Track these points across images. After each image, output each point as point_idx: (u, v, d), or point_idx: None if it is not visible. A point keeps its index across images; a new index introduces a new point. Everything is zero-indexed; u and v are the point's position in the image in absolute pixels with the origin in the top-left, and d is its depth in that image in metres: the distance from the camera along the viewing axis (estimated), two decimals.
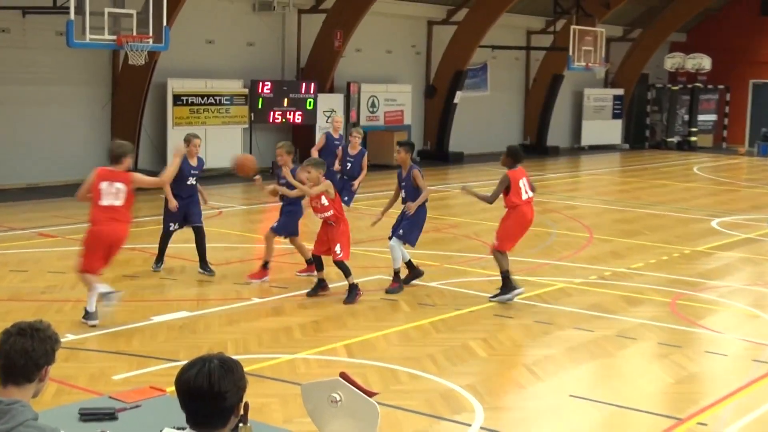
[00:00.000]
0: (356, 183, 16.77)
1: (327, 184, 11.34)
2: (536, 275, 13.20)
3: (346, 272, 11.37)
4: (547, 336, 10.29)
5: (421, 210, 12.27)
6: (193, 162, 12.61)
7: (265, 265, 12.24)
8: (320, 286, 11.67)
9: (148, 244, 14.76)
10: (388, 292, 11.86)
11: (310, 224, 14.02)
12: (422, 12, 29.32)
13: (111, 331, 9.82)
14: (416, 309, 11.17)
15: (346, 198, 15.73)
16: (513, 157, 12.00)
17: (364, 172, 16.76)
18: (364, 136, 27.04)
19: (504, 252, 11.63)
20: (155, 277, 12.43)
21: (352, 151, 16.78)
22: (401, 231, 12.19)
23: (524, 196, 11.68)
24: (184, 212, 12.54)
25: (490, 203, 12.09)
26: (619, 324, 10.80)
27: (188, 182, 12.61)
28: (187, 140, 12.65)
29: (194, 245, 12.79)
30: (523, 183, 11.78)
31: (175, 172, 11.15)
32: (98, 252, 9.93)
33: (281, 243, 14.43)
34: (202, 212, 12.98)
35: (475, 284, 12.48)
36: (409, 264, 12.25)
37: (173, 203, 12.37)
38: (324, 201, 11.30)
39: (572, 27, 28.80)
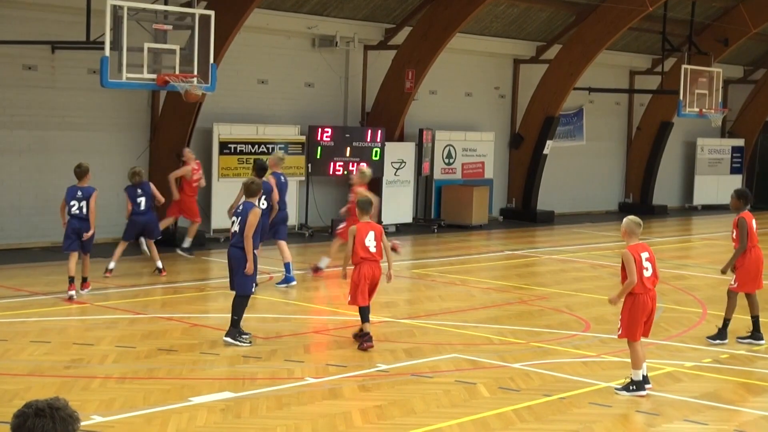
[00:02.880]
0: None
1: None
2: None
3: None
4: (651, 429, 10.15)
5: None
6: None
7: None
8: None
9: (187, 313, 14.92)
10: None
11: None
12: (508, 49, 29.48)
13: (144, 413, 9.91)
14: (497, 394, 11.11)
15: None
16: (743, 198, 14.07)
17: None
18: (439, 190, 27.22)
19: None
20: (195, 351, 12.54)
21: None
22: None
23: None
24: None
25: (744, 250, 13.93)
26: (739, 416, 10.62)
27: None
28: None
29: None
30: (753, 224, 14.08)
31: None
32: None
33: (337, 314, 14.50)
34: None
35: (566, 366, 12.38)
36: None
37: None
38: None
39: (683, 66, 28.71)
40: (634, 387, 11.14)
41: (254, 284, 13.36)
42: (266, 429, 9.55)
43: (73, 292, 15.46)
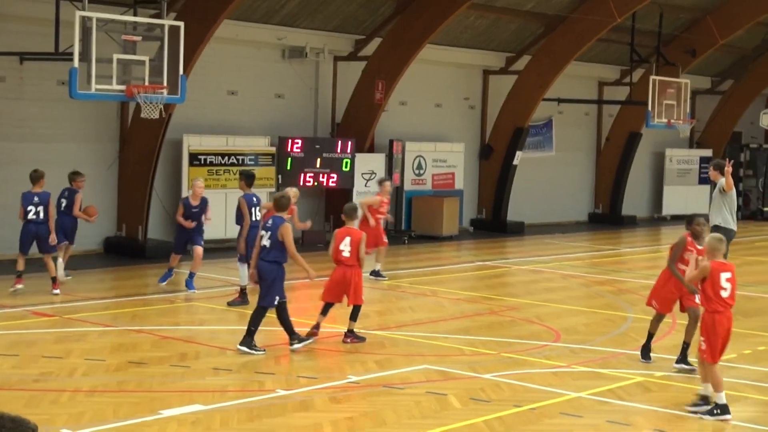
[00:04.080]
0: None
1: None
2: (609, 367, 13.09)
3: None
4: None
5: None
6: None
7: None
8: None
9: (158, 326, 14.87)
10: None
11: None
12: (477, 60, 29.57)
13: (113, 426, 9.86)
14: (468, 405, 11.11)
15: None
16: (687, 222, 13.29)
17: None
18: (409, 201, 27.23)
19: None
20: (165, 364, 12.49)
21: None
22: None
23: None
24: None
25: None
26: (710, 426, 10.66)
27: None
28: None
29: (211, 328, 12.84)
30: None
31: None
32: None
33: (307, 325, 14.46)
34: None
35: (537, 377, 12.40)
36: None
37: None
38: None
39: (652, 78, 28.88)
40: (719, 411, 10.81)
41: (279, 298, 13.32)
42: None
43: (20, 286, 16.66)
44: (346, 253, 13.86)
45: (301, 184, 24.55)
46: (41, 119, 21.00)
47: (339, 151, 24.83)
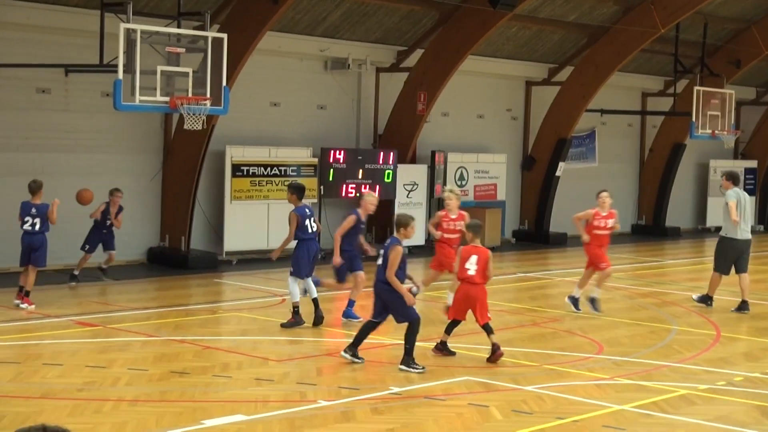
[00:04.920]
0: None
1: None
2: (653, 380, 13.01)
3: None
4: None
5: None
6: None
7: None
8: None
9: (200, 336, 14.93)
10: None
11: None
12: (520, 71, 29.53)
13: None
14: (510, 417, 11.07)
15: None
16: None
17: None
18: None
19: None
20: (207, 374, 12.54)
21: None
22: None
23: None
24: None
25: None
26: None
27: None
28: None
29: (253, 338, 12.87)
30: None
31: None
32: None
33: (346, 336, 14.48)
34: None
35: (580, 389, 12.34)
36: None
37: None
38: None
39: (696, 88, 28.69)
40: None
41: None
42: None
43: (18, 302, 16.56)
44: (471, 272, 13.70)
45: (343, 195, 24.61)
46: (86, 131, 21.18)
47: (381, 162, 24.85)
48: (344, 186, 24.49)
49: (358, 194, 24.57)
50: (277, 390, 11.91)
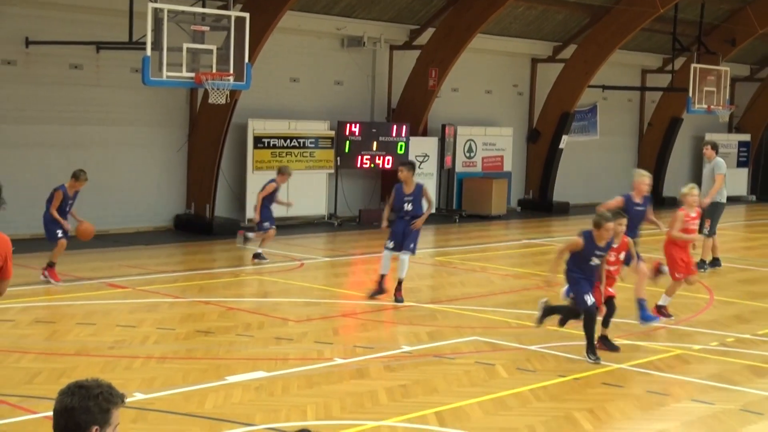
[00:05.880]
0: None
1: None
2: (650, 340, 13.02)
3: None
4: (661, 408, 10.12)
5: None
6: None
7: None
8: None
9: (224, 297, 14.99)
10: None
11: None
12: (526, 49, 29.40)
13: (182, 391, 9.96)
14: (515, 374, 11.11)
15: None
16: None
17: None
18: (460, 182, 27.22)
19: None
20: (231, 333, 12.60)
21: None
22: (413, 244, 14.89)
23: None
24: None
25: None
26: (744, 397, 10.57)
27: None
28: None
29: (274, 300, 12.91)
30: None
31: None
32: None
33: (361, 299, 14.53)
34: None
35: (580, 349, 12.35)
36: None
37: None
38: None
39: (693, 65, 28.55)
40: None
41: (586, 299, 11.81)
42: (297, 406, 9.58)
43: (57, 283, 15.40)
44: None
45: (358, 166, 24.60)
46: (116, 105, 21.18)
47: (394, 134, 24.81)
48: (359, 157, 24.47)
49: (372, 165, 24.62)
50: (296, 348, 11.96)
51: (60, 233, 15.44)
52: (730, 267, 19.64)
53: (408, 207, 14.97)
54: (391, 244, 14.99)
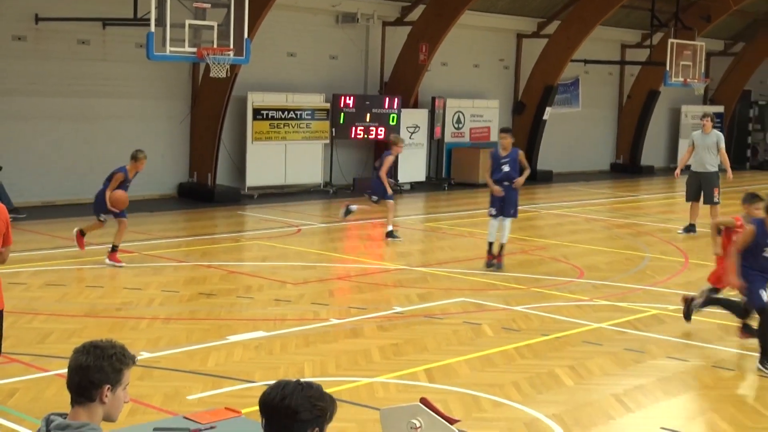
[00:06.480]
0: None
1: None
2: (628, 301, 13.06)
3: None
4: (638, 365, 10.17)
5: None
6: None
7: None
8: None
9: (225, 261, 14.99)
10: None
11: None
12: (511, 25, 29.29)
13: (186, 350, 9.99)
14: (500, 333, 11.15)
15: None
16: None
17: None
18: (449, 152, 27.18)
19: None
20: (232, 295, 12.62)
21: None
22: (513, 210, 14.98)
23: None
24: None
25: None
26: (716, 354, 10.63)
27: None
28: None
29: (273, 264, 12.93)
30: None
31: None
32: None
33: (358, 262, 14.55)
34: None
35: (563, 309, 12.41)
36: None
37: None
38: None
39: (670, 41, 28.47)
40: None
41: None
42: (295, 364, 9.62)
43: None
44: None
45: (353, 136, 24.55)
46: (122, 78, 21.09)
47: (386, 107, 24.76)
48: (353, 128, 24.44)
49: (365, 136, 24.57)
50: (294, 309, 11.98)
51: (103, 217, 14.39)
52: (704, 231, 19.63)
53: (506, 168, 15.16)
54: (493, 211, 15.09)
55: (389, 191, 17.12)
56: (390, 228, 17.27)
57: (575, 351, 10.56)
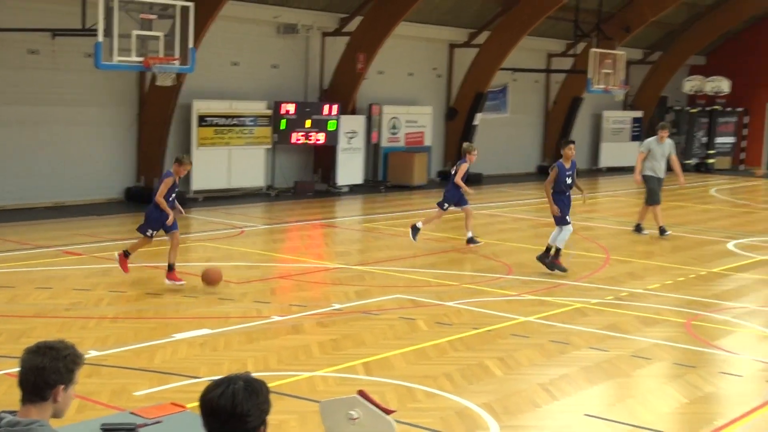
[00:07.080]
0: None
1: None
2: (553, 295, 13.19)
3: None
4: (562, 356, 10.27)
5: None
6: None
7: None
8: None
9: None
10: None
11: None
12: (444, 35, 29.41)
13: (133, 348, 9.89)
14: (434, 328, 11.19)
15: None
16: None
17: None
18: (386, 156, 27.22)
19: None
20: (178, 295, 12.51)
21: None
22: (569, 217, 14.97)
23: None
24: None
25: None
26: (635, 344, 10.78)
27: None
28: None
29: (217, 264, 12.84)
30: None
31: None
32: None
33: (295, 262, 14.51)
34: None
35: (492, 304, 12.49)
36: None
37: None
38: None
39: (592, 50, 28.79)
40: None
41: None
42: (238, 360, 9.57)
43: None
44: None
45: (293, 142, 24.47)
46: (71, 86, 20.81)
47: (326, 113, 24.72)
48: (294, 134, 24.34)
49: (306, 141, 24.50)
50: (237, 307, 11.92)
51: (151, 232, 13.19)
52: (624, 230, 19.91)
53: (569, 181, 15.34)
54: (569, 219, 15.02)
55: (467, 197, 16.77)
56: (470, 234, 16.67)
57: (504, 343, 10.63)
